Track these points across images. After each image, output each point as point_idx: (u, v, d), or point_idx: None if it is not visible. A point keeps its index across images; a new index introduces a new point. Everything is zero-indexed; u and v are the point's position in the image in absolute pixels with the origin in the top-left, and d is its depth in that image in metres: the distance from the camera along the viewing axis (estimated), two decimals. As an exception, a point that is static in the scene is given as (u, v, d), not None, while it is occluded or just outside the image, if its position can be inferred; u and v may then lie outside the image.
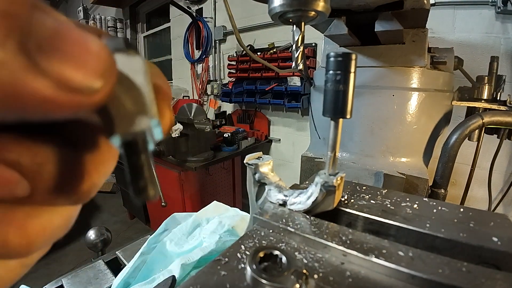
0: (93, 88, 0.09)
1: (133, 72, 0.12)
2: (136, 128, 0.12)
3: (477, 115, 0.71)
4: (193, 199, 2.04)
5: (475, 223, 0.32)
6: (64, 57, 0.09)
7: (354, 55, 0.26)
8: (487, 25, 1.39)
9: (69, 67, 0.09)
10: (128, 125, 0.11)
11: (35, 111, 0.08)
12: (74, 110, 0.09)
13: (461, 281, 0.23)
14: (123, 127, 0.11)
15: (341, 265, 0.26)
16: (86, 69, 0.09)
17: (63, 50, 0.09)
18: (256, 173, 0.39)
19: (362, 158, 0.76)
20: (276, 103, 2.18)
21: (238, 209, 0.74)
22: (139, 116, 0.12)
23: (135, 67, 0.12)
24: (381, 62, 0.73)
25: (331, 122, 0.30)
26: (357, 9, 0.64)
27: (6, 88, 0.08)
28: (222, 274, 0.25)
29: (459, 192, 0.95)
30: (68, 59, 0.09)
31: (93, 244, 0.82)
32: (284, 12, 0.38)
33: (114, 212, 3.18)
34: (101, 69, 0.09)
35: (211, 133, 2.03)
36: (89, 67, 0.09)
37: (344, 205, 0.36)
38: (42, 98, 0.08)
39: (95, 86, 0.09)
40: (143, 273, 0.56)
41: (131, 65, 0.12)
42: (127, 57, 0.12)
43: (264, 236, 0.31)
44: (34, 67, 0.08)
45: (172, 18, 3.17)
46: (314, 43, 2.02)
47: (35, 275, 2.06)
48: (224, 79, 2.82)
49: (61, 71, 0.08)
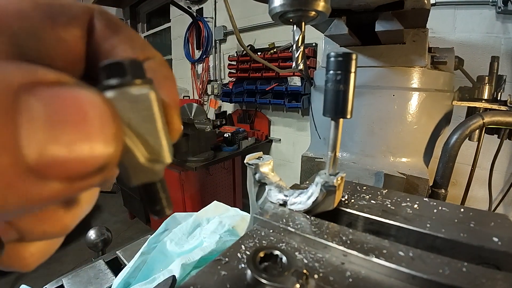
0: (102, 165, 0.09)
1: (139, 114, 0.11)
2: (151, 177, 0.12)
3: (478, 115, 0.71)
4: (193, 199, 2.04)
5: (475, 223, 0.32)
6: (65, 148, 0.08)
7: (354, 55, 0.26)
8: (488, 25, 1.39)
9: (72, 156, 0.08)
10: (143, 175, 0.12)
11: (49, 204, 0.09)
12: (90, 188, 0.09)
13: (461, 281, 0.23)
14: (138, 178, 0.12)
15: (342, 265, 0.26)
16: (91, 149, 0.08)
17: (62, 141, 0.08)
18: (256, 173, 0.39)
19: (363, 158, 0.76)
20: (277, 103, 2.18)
21: (239, 209, 0.74)
22: (153, 165, 0.12)
23: (141, 106, 0.11)
24: (382, 62, 0.73)
25: (331, 122, 0.30)
26: (357, 9, 0.64)
27: (13, 203, 0.07)
28: (223, 274, 0.25)
29: (460, 192, 0.95)
30: (70, 147, 0.08)
31: (94, 244, 0.82)
32: (284, 12, 0.38)
33: (115, 212, 3.18)
34: (108, 139, 0.09)
35: (212, 133, 2.03)
36: (94, 146, 0.08)
37: (345, 205, 0.36)
38: (52, 198, 0.08)
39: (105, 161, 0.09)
40: (144, 273, 0.56)
41: (136, 104, 0.11)
42: (132, 93, 0.11)
43: (265, 236, 0.31)
44: (36, 178, 0.08)
45: (173, 18, 3.17)
46: (314, 43, 2.02)
47: (35, 275, 2.07)
48: (224, 79, 2.82)
49: (64, 166, 0.08)
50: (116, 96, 0.10)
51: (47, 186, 0.08)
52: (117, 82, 0.11)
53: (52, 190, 0.08)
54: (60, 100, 0.08)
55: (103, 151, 0.09)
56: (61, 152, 0.08)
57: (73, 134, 0.08)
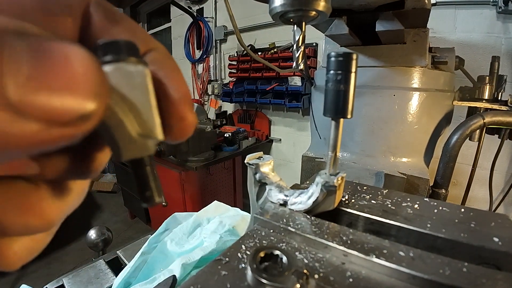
0: (81, 116, 0.09)
1: (134, 89, 0.11)
2: (142, 152, 0.12)
3: (478, 115, 0.71)
4: (193, 198, 2.04)
5: (476, 223, 0.32)
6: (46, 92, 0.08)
7: (355, 55, 0.26)
8: (488, 25, 1.39)
9: (53, 101, 0.08)
10: (134, 150, 0.12)
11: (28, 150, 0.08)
12: (67, 141, 0.09)
13: (461, 282, 0.23)
14: (129, 153, 0.12)
15: (342, 265, 0.26)
16: (72, 98, 0.08)
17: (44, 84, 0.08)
18: (256, 173, 0.39)
19: (363, 158, 0.76)
20: (277, 103, 2.18)
21: (239, 209, 0.74)
22: (144, 140, 0.12)
23: (136, 82, 0.11)
24: (382, 62, 0.73)
25: (332, 122, 0.30)
26: (358, 9, 0.64)
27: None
28: (223, 274, 0.25)
29: (460, 192, 0.95)
30: (51, 92, 0.08)
31: (94, 244, 0.82)
32: (285, 12, 0.38)
33: (115, 211, 3.18)
34: (89, 92, 0.09)
35: (212, 133, 2.03)
36: (75, 95, 0.08)
37: (345, 205, 0.36)
38: (30, 140, 0.08)
39: (84, 112, 0.09)
40: (144, 272, 0.56)
41: (131, 79, 0.11)
42: (126, 68, 0.11)
43: (265, 236, 0.31)
44: (16, 114, 0.08)
45: (173, 18, 3.17)
46: (315, 43, 2.02)
47: (36, 275, 2.07)
48: (224, 79, 2.82)
49: (44, 109, 0.08)
50: (111, 70, 0.11)
51: (26, 125, 0.08)
52: (112, 58, 0.11)
53: (31, 131, 0.08)
54: (46, 48, 0.08)
55: (84, 104, 0.09)
56: (41, 95, 0.08)
57: (55, 81, 0.08)
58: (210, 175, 2.14)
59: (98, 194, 3.52)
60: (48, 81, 0.08)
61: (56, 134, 0.08)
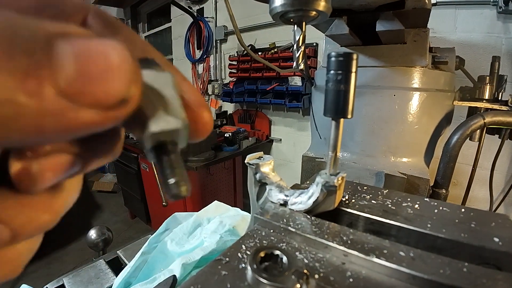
0: (123, 99, 0.10)
1: (162, 85, 0.13)
2: (169, 125, 0.12)
3: (479, 115, 0.71)
4: (194, 198, 2.04)
5: (476, 223, 0.32)
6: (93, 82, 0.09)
7: (355, 55, 0.26)
8: (489, 25, 1.39)
9: (98, 88, 0.10)
10: (161, 123, 0.12)
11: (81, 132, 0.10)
12: (114, 122, 0.10)
13: (462, 282, 0.23)
14: (156, 125, 0.12)
15: (342, 265, 0.26)
16: (113, 85, 0.10)
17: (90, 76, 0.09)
18: (257, 173, 0.39)
19: (363, 158, 0.76)
20: (277, 103, 2.18)
21: (239, 209, 0.74)
22: (170, 117, 0.12)
23: (164, 81, 0.13)
24: (382, 62, 0.73)
25: (332, 122, 0.30)
26: (358, 9, 0.63)
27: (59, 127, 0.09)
28: (223, 274, 0.25)
29: (461, 192, 0.95)
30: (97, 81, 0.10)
31: (94, 244, 0.82)
32: (285, 12, 0.38)
33: (115, 211, 3.19)
34: (127, 79, 0.10)
35: (212, 133, 2.02)
36: (115, 82, 0.10)
37: (345, 205, 0.36)
38: (89, 124, 0.10)
39: (126, 96, 0.10)
40: (144, 272, 0.56)
41: (160, 79, 0.13)
42: (156, 72, 0.13)
43: (265, 236, 0.31)
44: (71, 102, 0.09)
45: (173, 18, 3.17)
46: (315, 43, 2.02)
47: (36, 275, 2.07)
48: (225, 79, 2.82)
49: (93, 96, 0.10)
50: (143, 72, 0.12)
51: (81, 112, 0.09)
52: (143, 66, 0.12)
53: (86, 116, 0.10)
54: (90, 45, 0.10)
55: (123, 88, 0.10)
56: (89, 85, 0.09)
57: (99, 73, 0.10)
58: (211, 175, 2.14)
59: (99, 194, 3.52)
60: (93, 74, 0.10)
61: (104, 117, 0.10)
